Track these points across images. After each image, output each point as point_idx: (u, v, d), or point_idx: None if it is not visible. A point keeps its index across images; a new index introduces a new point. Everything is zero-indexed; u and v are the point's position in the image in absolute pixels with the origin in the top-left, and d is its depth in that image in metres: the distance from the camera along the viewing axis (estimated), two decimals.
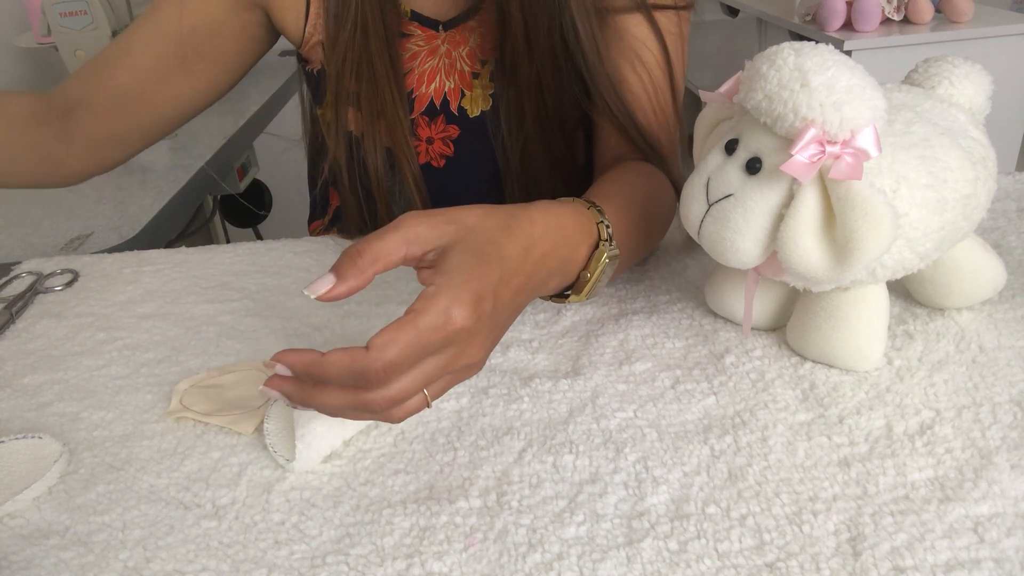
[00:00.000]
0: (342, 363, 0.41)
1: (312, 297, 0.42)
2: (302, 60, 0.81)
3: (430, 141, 0.77)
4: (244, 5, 0.75)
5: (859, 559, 0.40)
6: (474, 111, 0.76)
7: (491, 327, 0.45)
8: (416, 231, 0.44)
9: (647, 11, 0.70)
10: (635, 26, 0.70)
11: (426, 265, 0.46)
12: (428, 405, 0.44)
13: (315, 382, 0.43)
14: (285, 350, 0.43)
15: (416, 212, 0.45)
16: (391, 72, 0.72)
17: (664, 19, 0.71)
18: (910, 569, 0.39)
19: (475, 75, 0.75)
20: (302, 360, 0.42)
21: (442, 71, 0.75)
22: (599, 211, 0.55)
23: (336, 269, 0.43)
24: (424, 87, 0.75)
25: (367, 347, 0.40)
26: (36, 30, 1.61)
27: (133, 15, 1.20)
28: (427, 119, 0.76)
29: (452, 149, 0.77)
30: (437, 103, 0.76)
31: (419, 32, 0.75)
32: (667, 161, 0.71)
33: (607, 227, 0.54)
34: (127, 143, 0.78)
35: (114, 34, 1.18)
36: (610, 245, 0.54)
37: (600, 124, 0.74)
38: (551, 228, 0.50)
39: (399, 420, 0.44)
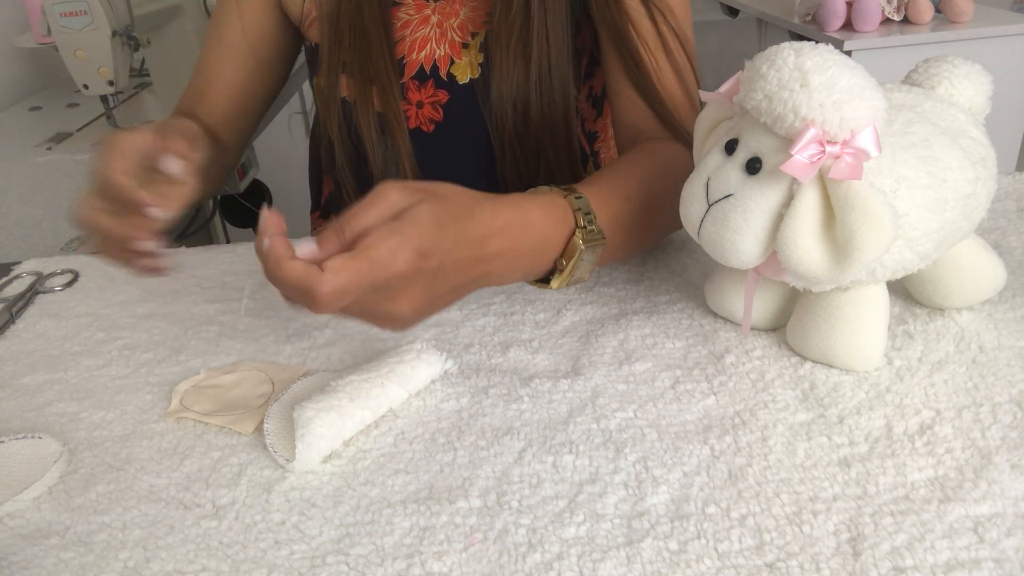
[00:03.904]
0: (295, 275, 0.43)
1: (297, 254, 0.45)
2: (304, 40, 0.84)
3: (420, 105, 0.78)
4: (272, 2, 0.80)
5: (859, 559, 0.40)
6: (463, 78, 0.77)
7: (428, 288, 0.47)
8: (390, 198, 0.47)
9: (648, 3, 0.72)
10: (635, 8, 0.72)
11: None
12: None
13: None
14: (276, 220, 0.44)
15: (392, 182, 0.48)
16: (384, 39, 0.74)
17: None
18: (910, 569, 0.39)
19: (464, 45, 0.76)
20: (273, 250, 0.44)
21: (433, 39, 0.77)
22: (577, 198, 0.56)
23: (320, 240, 0.45)
24: (415, 53, 0.77)
25: (322, 268, 0.42)
26: (36, 30, 1.61)
27: (133, 15, 1.20)
28: (417, 83, 0.78)
29: (441, 114, 0.78)
30: (427, 68, 0.77)
31: (409, 1, 0.77)
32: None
33: (585, 215, 0.56)
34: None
35: (114, 34, 1.17)
36: (589, 234, 0.55)
37: (618, 99, 0.75)
38: (514, 224, 0.52)
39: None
